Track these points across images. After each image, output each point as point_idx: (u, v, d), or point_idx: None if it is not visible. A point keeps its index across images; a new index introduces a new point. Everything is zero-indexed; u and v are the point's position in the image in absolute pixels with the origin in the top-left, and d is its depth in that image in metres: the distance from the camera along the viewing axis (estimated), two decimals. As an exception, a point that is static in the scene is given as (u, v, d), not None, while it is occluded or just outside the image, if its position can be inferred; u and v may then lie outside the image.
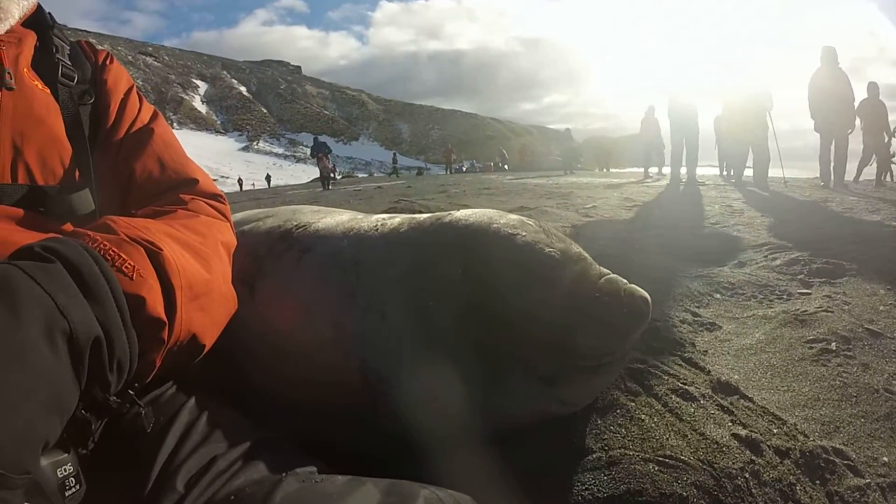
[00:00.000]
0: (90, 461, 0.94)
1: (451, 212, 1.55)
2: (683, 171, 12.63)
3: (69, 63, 1.53)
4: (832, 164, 11.02)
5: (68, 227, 1.35)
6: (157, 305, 1.05)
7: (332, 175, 29.05)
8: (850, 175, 11.75)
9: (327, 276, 1.54)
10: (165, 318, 1.06)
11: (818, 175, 11.34)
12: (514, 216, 1.51)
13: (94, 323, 0.89)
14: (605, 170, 33.52)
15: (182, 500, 1.01)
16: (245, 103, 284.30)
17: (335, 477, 1.02)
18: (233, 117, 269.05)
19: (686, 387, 1.73)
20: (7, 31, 1.43)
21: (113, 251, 1.04)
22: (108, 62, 1.67)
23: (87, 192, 1.41)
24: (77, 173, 1.43)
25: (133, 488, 1.04)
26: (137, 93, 1.68)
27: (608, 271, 1.45)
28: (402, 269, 1.46)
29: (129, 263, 1.04)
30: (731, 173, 13.66)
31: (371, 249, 1.55)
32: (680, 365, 1.91)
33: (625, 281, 1.41)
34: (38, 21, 1.55)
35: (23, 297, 0.81)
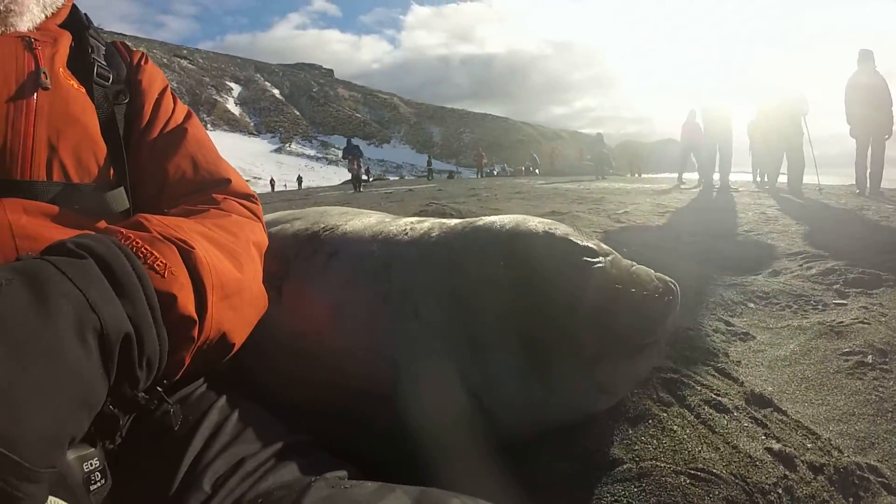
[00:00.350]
0: (117, 457, 0.97)
1: (482, 216, 1.59)
2: (716, 177, 12.51)
3: (104, 63, 1.55)
4: (868, 170, 10.79)
5: (102, 224, 1.36)
6: (188, 303, 1.06)
7: (363, 177, 29.18)
8: (889, 183, 11.50)
9: (356, 279, 1.56)
10: (196, 317, 1.07)
11: (854, 182, 11.15)
12: (542, 219, 1.56)
13: (125, 320, 0.90)
14: (637, 175, 33.35)
15: (208, 500, 1.01)
16: (278, 105, 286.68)
17: (365, 483, 1.02)
18: (266, 119, 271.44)
19: (719, 398, 1.70)
20: (41, 31, 1.45)
21: (145, 249, 1.05)
22: (142, 62, 1.69)
23: (121, 191, 1.43)
24: (111, 172, 1.45)
25: (159, 487, 1.05)
26: (172, 93, 1.70)
27: (635, 263, 1.52)
28: (438, 271, 1.49)
29: (161, 261, 1.05)
30: (765, 179, 13.51)
31: (401, 253, 1.56)
32: (713, 375, 1.89)
33: (652, 270, 1.49)
34: (74, 21, 1.57)
35: (54, 293, 0.81)
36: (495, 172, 60.01)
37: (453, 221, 1.63)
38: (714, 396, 1.71)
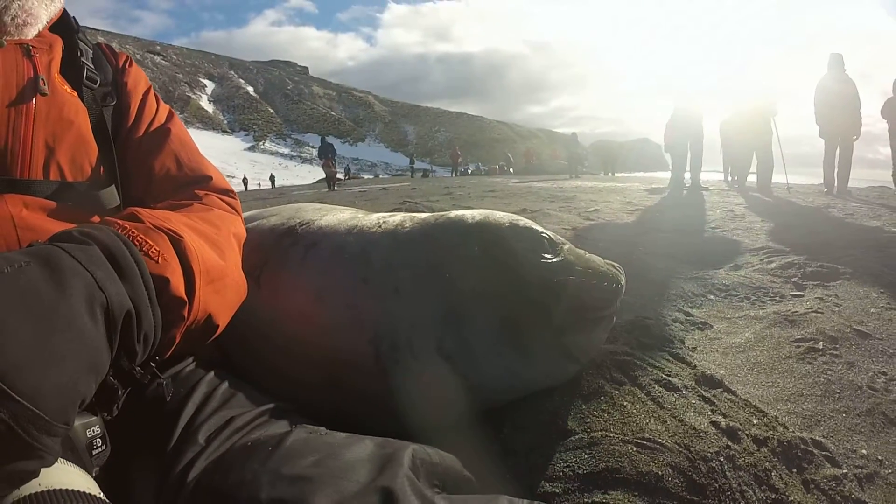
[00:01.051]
0: (114, 427, 1.04)
1: (452, 211, 1.73)
2: (687, 176, 12.62)
3: (93, 66, 1.63)
4: (836, 170, 10.99)
5: (96, 219, 1.44)
6: (179, 286, 1.15)
7: (338, 176, 29.12)
8: (855, 182, 11.62)
9: (336, 265, 1.66)
10: (186, 298, 1.16)
11: (822, 181, 11.33)
12: (507, 213, 1.72)
13: (126, 298, 0.99)
14: (610, 174, 33.47)
15: (203, 451, 1.12)
16: (252, 103, 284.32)
17: (337, 433, 1.14)
18: (239, 117, 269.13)
19: (670, 378, 1.79)
20: (38, 37, 1.52)
21: (140, 237, 1.13)
22: (127, 65, 1.77)
23: (112, 189, 1.53)
24: (102, 170, 1.54)
25: (157, 444, 1.15)
26: (155, 94, 1.78)
27: (587, 252, 1.73)
28: (415, 249, 1.63)
29: (155, 249, 1.14)
30: (736, 178, 13.64)
31: (378, 241, 1.68)
32: (667, 360, 1.98)
33: (599, 258, 1.74)
34: (63, 25, 1.64)
35: (67, 273, 0.90)
36: (470, 171, 59.96)
37: (423, 215, 1.75)
38: (665, 377, 1.80)
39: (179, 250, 1.19)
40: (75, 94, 1.54)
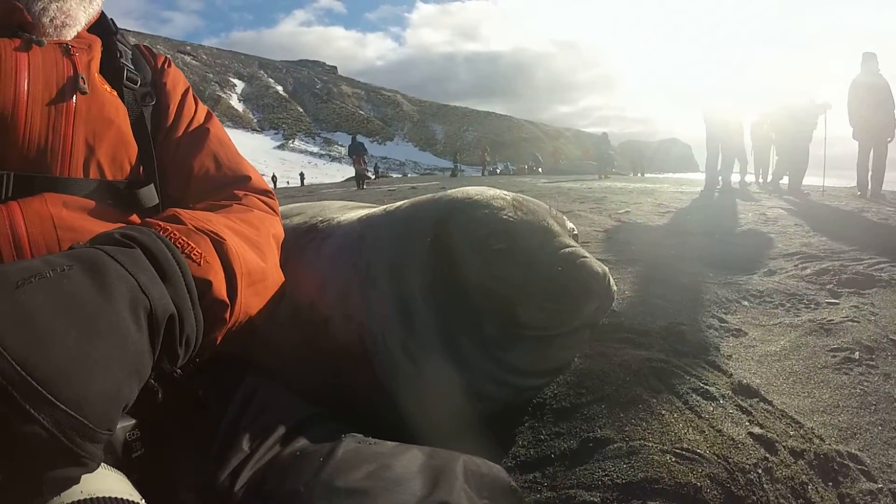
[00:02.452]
0: (154, 429, 1.05)
1: (446, 190, 1.72)
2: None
3: (132, 67, 1.64)
4: (870, 172, 10.79)
5: (135, 218, 1.46)
6: (221, 289, 1.16)
7: (368, 175, 29.27)
8: (890, 185, 11.41)
9: (340, 254, 1.73)
10: (228, 301, 1.17)
11: (855, 184, 11.15)
12: (496, 191, 1.68)
13: (170, 302, 0.99)
14: (639, 174, 33.25)
15: (248, 458, 1.11)
16: (281, 102, 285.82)
17: (386, 442, 1.14)
18: (269, 116, 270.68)
19: (707, 387, 1.78)
20: (76, 38, 1.54)
21: (182, 240, 1.14)
22: (166, 66, 1.77)
23: (151, 188, 1.52)
24: (141, 170, 1.54)
25: (200, 450, 1.14)
26: (193, 94, 1.78)
27: (573, 244, 1.57)
28: (390, 241, 1.65)
29: (197, 251, 1.14)
30: (769, 180, 13.50)
31: (374, 226, 1.73)
32: (703, 367, 1.97)
33: (585, 255, 1.53)
34: (102, 27, 1.66)
35: (111, 277, 0.90)
36: (498, 171, 59.86)
37: (426, 196, 1.79)
38: (702, 386, 1.79)
39: (221, 252, 1.20)
40: (115, 93, 1.54)
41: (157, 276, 1.01)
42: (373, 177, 43.50)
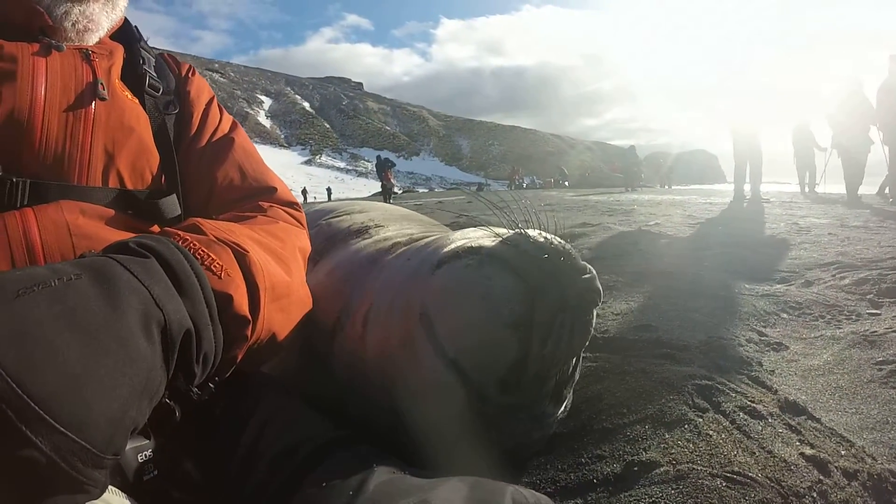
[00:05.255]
0: (168, 449, 0.99)
1: (450, 238, 1.49)
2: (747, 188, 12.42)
3: (155, 75, 1.61)
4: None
5: (156, 229, 1.41)
6: (242, 304, 1.10)
7: (393, 190, 29.53)
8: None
9: (355, 257, 1.73)
10: (250, 317, 1.12)
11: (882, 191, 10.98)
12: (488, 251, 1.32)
13: (186, 316, 0.94)
14: (666, 186, 33.12)
15: (267, 483, 1.05)
16: (308, 118, 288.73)
17: (421, 471, 1.05)
18: (296, 132, 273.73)
19: (754, 405, 1.70)
20: (98, 44, 1.52)
21: (202, 251, 1.09)
22: (190, 74, 1.75)
23: (173, 198, 1.48)
24: (164, 179, 1.51)
25: (217, 471, 1.09)
26: (218, 104, 1.75)
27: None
28: (381, 283, 1.53)
29: (218, 263, 1.09)
30: (812, 189, 13.49)
31: (386, 262, 1.63)
32: (747, 384, 1.89)
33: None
34: (125, 34, 1.64)
35: (122, 288, 0.85)
36: (525, 185, 60.01)
37: (430, 238, 1.64)
38: (749, 403, 1.71)
39: (244, 265, 1.15)
40: (136, 101, 1.52)
41: (172, 289, 0.96)
42: (399, 191, 43.80)
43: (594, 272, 1.27)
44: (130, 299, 0.85)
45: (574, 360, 1.35)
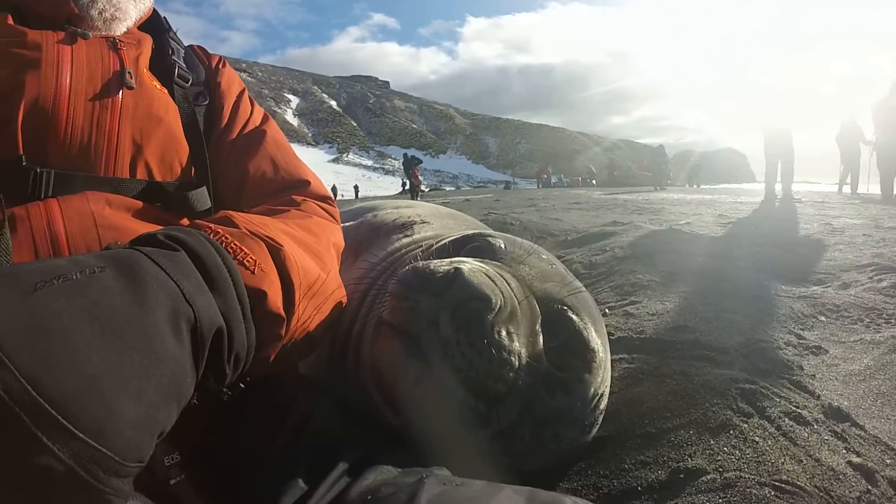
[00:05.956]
0: (197, 453, 0.97)
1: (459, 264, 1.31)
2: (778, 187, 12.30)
3: (184, 65, 1.60)
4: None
5: (185, 222, 1.37)
6: (276, 300, 1.07)
7: (420, 188, 29.65)
8: None
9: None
10: (284, 314, 1.08)
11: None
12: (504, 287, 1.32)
13: (218, 313, 0.90)
14: (695, 185, 32.90)
15: (308, 496, 1.00)
16: (335, 117, 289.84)
17: (473, 481, 1.00)
18: (323, 130, 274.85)
19: (798, 410, 1.66)
20: (126, 33, 1.51)
21: (235, 244, 1.06)
22: (220, 66, 1.73)
23: (203, 190, 1.47)
24: (193, 171, 1.50)
25: (248, 476, 1.05)
26: (249, 96, 1.73)
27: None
28: None
29: (251, 257, 1.06)
30: (854, 191, 13.41)
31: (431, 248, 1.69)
32: (789, 388, 1.84)
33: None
34: (154, 25, 1.63)
35: (150, 282, 0.81)
36: (552, 183, 59.93)
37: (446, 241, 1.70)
38: (793, 409, 1.67)
39: (278, 260, 1.12)
40: (165, 91, 1.50)
41: (203, 284, 0.91)
42: (426, 189, 43.96)
43: (471, 278, 1.23)
44: (158, 294, 0.81)
45: (532, 378, 1.29)
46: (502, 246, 1.58)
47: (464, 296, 1.20)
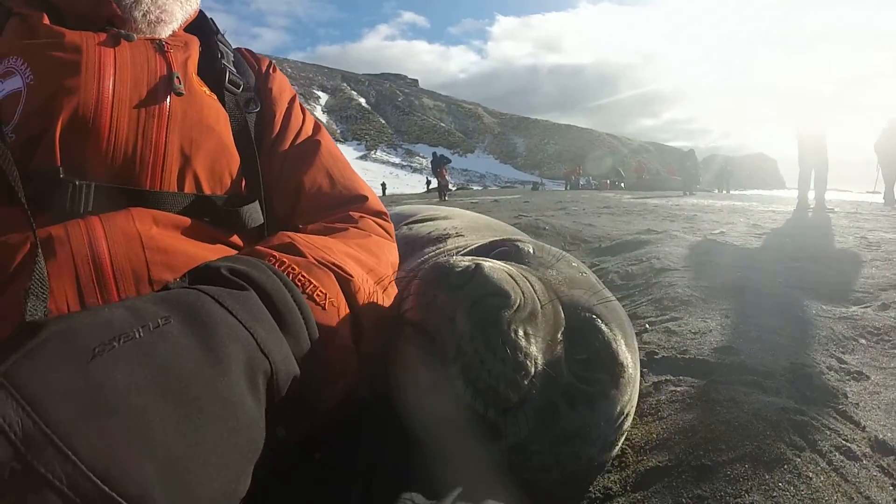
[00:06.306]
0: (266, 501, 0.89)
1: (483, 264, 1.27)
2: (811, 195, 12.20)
3: (234, 70, 1.52)
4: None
5: (236, 239, 1.33)
6: (347, 337, 1.03)
7: (448, 187, 29.67)
8: None
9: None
10: (354, 348, 1.05)
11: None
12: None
13: (293, 361, 0.86)
14: (725, 191, 32.62)
15: None
16: (364, 114, 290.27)
17: None
18: (352, 127, 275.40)
19: (848, 444, 1.65)
20: (171, 37, 1.44)
21: (303, 276, 1.02)
22: (271, 71, 1.66)
23: (256, 205, 1.39)
24: (244, 183, 1.41)
25: None
26: (300, 103, 1.67)
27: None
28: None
29: (321, 290, 1.02)
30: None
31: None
32: (835, 418, 1.83)
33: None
34: (200, 26, 1.56)
35: (222, 334, 0.77)
36: (581, 184, 59.70)
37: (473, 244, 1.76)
38: (843, 442, 1.66)
39: (349, 292, 1.07)
40: (215, 97, 1.43)
41: (276, 329, 0.87)
42: (454, 188, 44.03)
43: (491, 273, 1.19)
44: (233, 349, 0.76)
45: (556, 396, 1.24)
46: (531, 251, 1.54)
47: (482, 291, 1.16)
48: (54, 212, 1.13)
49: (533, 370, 1.18)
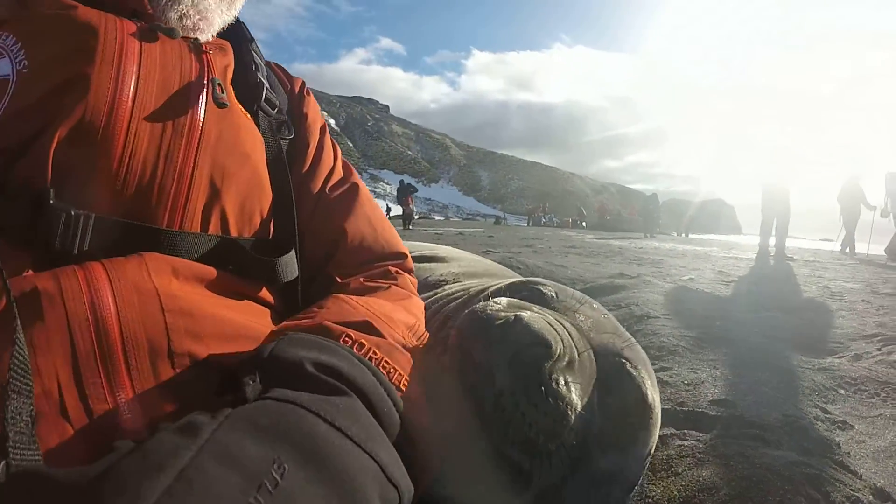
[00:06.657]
0: None
1: (492, 304, 1.30)
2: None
3: (269, 87, 1.27)
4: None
5: (265, 293, 1.11)
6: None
7: (412, 216, 29.77)
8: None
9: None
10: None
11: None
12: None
13: (408, 479, 0.76)
14: (684, 235, 33.15)
15: None
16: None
17: None
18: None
19: (856, 494, 1.71)
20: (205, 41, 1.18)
21: (386, 362, 0.91)
22: (305, 93, 1.42)
23: (293, 255, 1.16)
24: (272, 225, 1.18)
25: None
26: (329, 135, 1.45)
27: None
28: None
29: (405, 379, 0.92)
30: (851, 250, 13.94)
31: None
32: (835, 468, 1.88)
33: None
34: (234, 32, 1.30)
35: (353, 471, 0.66)
36: (542, 222, 60.34)
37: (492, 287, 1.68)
38: (852, 492, 1.71)
39: (414, 374, 0.97)
40: (250, 117, 1.18)
41: (389, 445, 0.76)
42: (416, 217, 44.23)
43: (530, 322, 1.16)
44: (365, 485, 0.66)
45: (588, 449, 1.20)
46: (554, 294, 1.51)
47: (525, 341, 1.12)
48: (37, 251, 0.88)
49: (573, 418, 1.15)
